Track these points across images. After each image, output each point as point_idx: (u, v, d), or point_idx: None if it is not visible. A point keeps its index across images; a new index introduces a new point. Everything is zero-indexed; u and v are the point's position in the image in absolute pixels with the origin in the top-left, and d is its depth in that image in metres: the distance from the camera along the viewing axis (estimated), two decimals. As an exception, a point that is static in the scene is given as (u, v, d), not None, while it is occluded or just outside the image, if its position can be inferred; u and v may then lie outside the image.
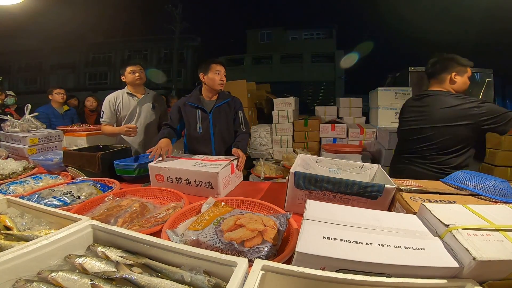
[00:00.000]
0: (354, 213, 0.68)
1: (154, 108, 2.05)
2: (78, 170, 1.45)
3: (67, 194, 1.08)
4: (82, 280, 0.50)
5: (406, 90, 3.17)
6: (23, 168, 1.49)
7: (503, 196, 0.87)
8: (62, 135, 2.12)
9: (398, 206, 0.87)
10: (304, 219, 0.62)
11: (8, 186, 1.23)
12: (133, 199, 1.06)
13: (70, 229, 0.63)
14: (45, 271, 0.52)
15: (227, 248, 0.67)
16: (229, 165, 1.32)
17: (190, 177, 1.26)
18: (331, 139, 3.32)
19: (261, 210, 0.99)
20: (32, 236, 0.67)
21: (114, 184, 1.29)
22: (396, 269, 0.49)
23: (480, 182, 0.91)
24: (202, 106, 1.65)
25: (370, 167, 1.22)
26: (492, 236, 0.52)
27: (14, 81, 18.32)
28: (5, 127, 1.99)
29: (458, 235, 0.53)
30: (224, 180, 1.26)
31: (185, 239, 0.72)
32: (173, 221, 0.86)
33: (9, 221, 0.74)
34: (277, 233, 0.72)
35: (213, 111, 1.66)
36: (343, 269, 0.50)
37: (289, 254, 0.67)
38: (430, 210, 0.64)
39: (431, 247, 0.54)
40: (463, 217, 0.60)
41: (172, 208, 0.98)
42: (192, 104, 1.66)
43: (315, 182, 0.94)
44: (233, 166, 1.37)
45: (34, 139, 1.88)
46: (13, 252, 0.53)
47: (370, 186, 0.90)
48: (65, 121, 3.02)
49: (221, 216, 0.80)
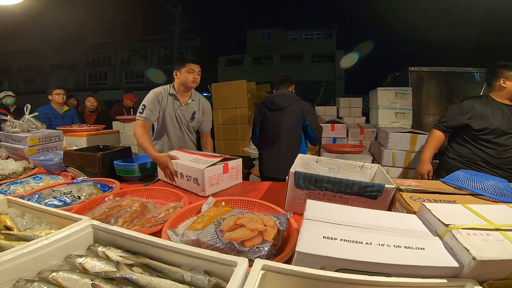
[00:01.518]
0: (354, 213, 0.68)
1: (193, 119, 1.77)
2: (78, 170, 1.45)
3: (67, 194, 1.08)
4: (83, 280, 0.50)
5: (406, 90, 3.17)
6: (23, 168, 1.49)
7: (503, 196, 0.87)
8: (62, 135, 2.12)
9: (398, 206, 0.87)
10: (304, 219, 0.62)
11: (9, 186, 1.23)
12: (133, 199, 1.06)
13: (70, 229, 0.63)
14: (45, 271, 0.52)
15: (227, 248, 0.67)
16: (222, 164, 1.32)
17: (183, 171, 1.31)
18: (331, 139, 3.32)
19: (261, 210, 1.00)
20: (33, 236, 0.67)
21: (114, 184, 1.29)
22: (396, 268, 0.49)
23: (480, 182, 0.91)
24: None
25: (370, 167, 1.22)
26: (492, 235, 0.53)
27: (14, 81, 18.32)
28: (5, 127, 1.99)
29: (458, 234, 0.53)
30: (211, 178, 1.26)
31: (185, 239, 0.72)
32: (173, 221, 0.86)
33: (10, 221, 0.74)
34: (277, 233, 0.72)
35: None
36: (343, 269, 0.50)
37: (289, 254, 0.67)
38: (430, 210, 0.64)
39: (431, 246, 0.54)
40: (463, 217, 0.60)
41: (172, 208, 0.99)
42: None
43: (315, 182, 0.94)
44: (227, 166, 1.36)
45: (34, 139, 1.88)
46: (13, 252, 0.53)
47: (370, 186, 0.90)
48: (65, 121, 3.02)
49: (221, 216, 0.80)
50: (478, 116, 1.53)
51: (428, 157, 1.68)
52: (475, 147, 1.56)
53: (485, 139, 1.52)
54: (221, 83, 3.98)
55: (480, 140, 1.54)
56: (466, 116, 1.56)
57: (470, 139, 1.58)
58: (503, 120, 1.48)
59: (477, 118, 1.53)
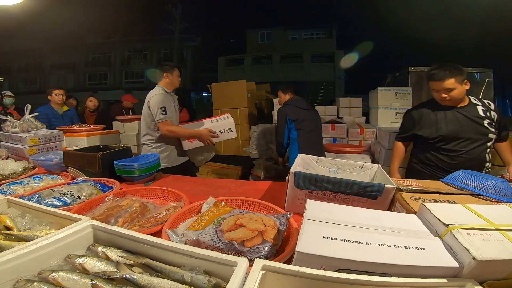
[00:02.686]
0: (354, 213, 0.68)
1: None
2: (78, 170, 1.45)
3: (67, 194, 1.08)
4: (83, 280, 0.50)
5: (406, 90, 3.17)
6: (23, 168, 1.49)
7: (503, 195, 0.87)
8: (62, 135, 2.12)
9: (398, 206, 0.87)
10: (304, 219, 0.62)
11: (9, 186, 1.23)
12: (133, 199, 1.06)
13: (70, 229, 0.63)
14: (45, 271, 0.52)
15: (227, 248, 0.67)
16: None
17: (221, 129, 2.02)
18: (331, 139, 3.32)
19: (261, 210, 1.00)
20: (33, 236, 0.67)
21: (114, 184, 1.29)
22: (396, 268, 0.49)
23: (480, 182, 0.91)
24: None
25: (370, 167, 1.22)
26: (492, 235, 0.52)
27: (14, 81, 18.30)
28: (5, 127, 1.99)
29: (458, 234, 0.53)
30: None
31: (185, 239, 0.72)
32: (173, 221, 0.86)
33: (10, 221, 0.74)
34: (277, 233, 0.72)
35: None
36: (343, 269, 0.50)
37: (289, 254, 0.67)
38: (430, 210, 0.64)
39: (431, 246, 0.54)
40: (463, 217, 0.60)
41: (172, 208, 0.98)
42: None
43: (315, 182, 0.94)
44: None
45: (34, 139, 1.88)
46: (13, 252, 0.53)
47: (370, 186, 0.90)
48: (64, 121, 3.02)
49: (221, 216, 0.80)
50: (427, 125, 1.55)
51: (395, 167, 1.73)
52: (430, 153, 1.59)
53: (437, 146, 1.54)
54: (221, 83, 3.98)
55: (433, 146, 1.56)
56: (417, 127, 1.59)
57: (425, 145, 1.61)
58: (451, 125, 1.49)
59: (427, 127, 1.55)
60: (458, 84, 1.42)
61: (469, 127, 1.46)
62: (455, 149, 1.50)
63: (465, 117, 1.47)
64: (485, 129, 1.46)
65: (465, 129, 1.47)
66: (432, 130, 1.53)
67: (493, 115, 1.47)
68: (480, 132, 1.46)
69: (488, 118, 1.46)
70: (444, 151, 1.53)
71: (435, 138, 1.52)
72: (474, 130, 1.46)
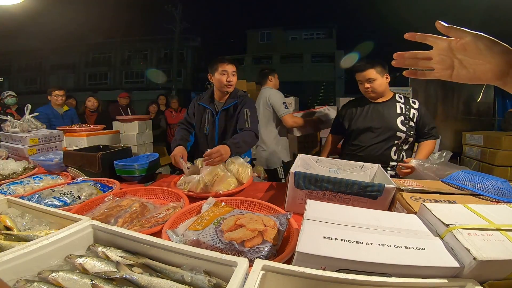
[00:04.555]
0: (355, 213, 0.68)
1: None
2: (78, 170, 1.45)
3: (67, 194, 1.08)
4: (83, 280, 0.50)
5: (406, 90, 3.18)
6: (23, 168, 1.49)
7: (503, 195, 0.87)
8: (62, 135, 2.12)
9: (398, 206, 0.87)
10: (304, 219, 0.62)
11: (9, 186, 1.23)
12: (133, 199, 1.05)
13: (70, 229, 0.63)
14: (45, 271, 0.52)
15: (227, 248, 0.67)
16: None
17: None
18: (331, 139, 3.31)
19: (261, 210, 0.99)
20: (33, 236, 0.67)
21: (114, 184, 1.29)
22: (396, 269, 0.49)
23: (480, 182, 0.91)
24: (210, 107, 1.66)
25: (370, 167, 1.22)
26: (493, 235, 0.52)
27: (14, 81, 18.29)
28: (5, 127, 1.99)
29: (458, 234, 0.53)
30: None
31: (185, 239, 0.72)
32: (173, 221, 0.86)
33: (10, 221, 0.74)
34: (277, 233, 0.72)
35: (220, 113, 1.64)
36: (344, 269, 0.50)
37: (289, 254, 0.67)
38: (431, 210, 0.64)
39: (431, 247, 0.54)
40: (464, 217, 0.60)
41: (172, 208, 0.98)
42: (202, 104, 1.68)
43: (315, 182, 0.94)
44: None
45: (34, 139, 1.88)
46: (13, 252, 0.53)
47: (370, 186, 0.90)
48: (65, 121, 3.02)
49: (221, 216, 0.80)
50: (348, 119, 1.65)
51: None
52: (346, 145, 1.70)
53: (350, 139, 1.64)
54: (221, 83, 3.96)
55: (348, 139, 1.67)
56: (342, 121, 1.69)
57: (346, 138, 1.71)
58: (365, 119, 1.56)
59: (347, 120, 1.65)
60: (379, 75, 1.49)
61: (380, 121, 1.51)
62: (359, 143, 1.57)
63: (379, 111, 1.53)
64: (395, 126, 1.48)
65: (375, 123, 1.52)
66: (349, 124, 1.62)
67: (412, 114, 1.50)
68: (389, 127, 1.49)
69: (403, 116, 1.50)
70: (354, 143, 1.60)
71: (349, 131, 1.62)
72: (383, 125, 1.50)
